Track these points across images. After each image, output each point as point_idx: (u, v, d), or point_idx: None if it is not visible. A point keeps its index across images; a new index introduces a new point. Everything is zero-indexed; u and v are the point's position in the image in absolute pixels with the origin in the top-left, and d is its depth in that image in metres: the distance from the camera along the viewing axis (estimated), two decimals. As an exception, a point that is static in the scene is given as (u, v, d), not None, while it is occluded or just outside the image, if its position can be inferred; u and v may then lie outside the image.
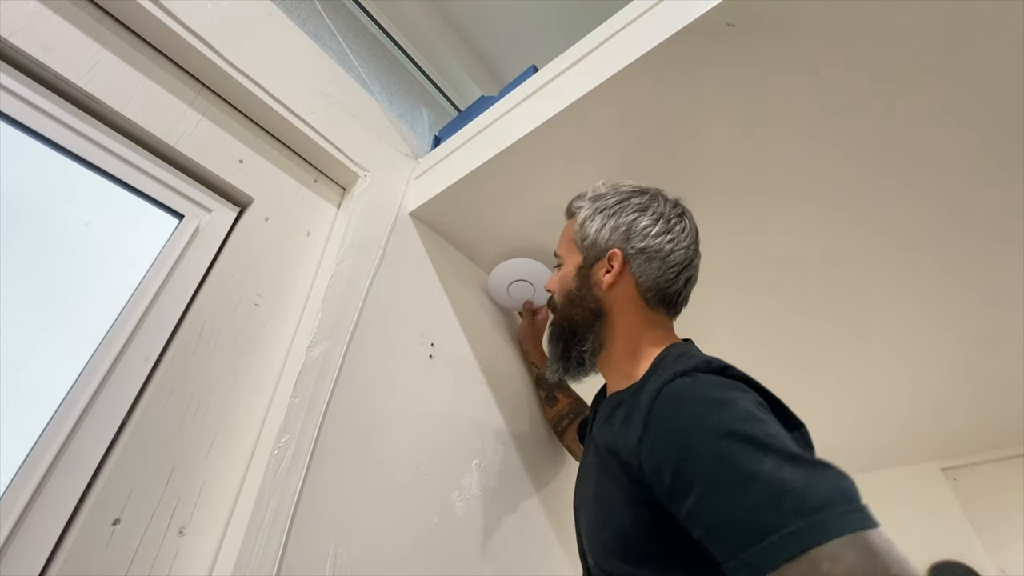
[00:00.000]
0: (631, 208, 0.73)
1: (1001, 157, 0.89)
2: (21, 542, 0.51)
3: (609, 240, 0.72)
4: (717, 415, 0.49)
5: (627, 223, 0.72)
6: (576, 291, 0.74)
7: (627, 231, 0.72)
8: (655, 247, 0.71)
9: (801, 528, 0.39)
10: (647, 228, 0.71)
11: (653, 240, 0.71)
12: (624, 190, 0.76)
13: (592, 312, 0.73)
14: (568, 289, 0.75)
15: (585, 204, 0.77)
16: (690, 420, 0.51)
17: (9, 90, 0.66)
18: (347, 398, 0.80)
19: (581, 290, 0.73)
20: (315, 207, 0.99)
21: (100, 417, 0.60)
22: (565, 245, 0.79)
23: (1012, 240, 1.03)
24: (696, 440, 0.49)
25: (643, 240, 0.71)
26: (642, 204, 0.74)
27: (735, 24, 0.75)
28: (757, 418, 0.48)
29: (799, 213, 1.04)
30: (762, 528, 0.40)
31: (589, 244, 0.74)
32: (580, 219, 0.76)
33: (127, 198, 0.74)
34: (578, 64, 0.90)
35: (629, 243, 0.71)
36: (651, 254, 0.71)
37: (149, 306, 0.69)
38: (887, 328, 1.29)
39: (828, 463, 0.44)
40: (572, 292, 0.75)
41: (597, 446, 0.67)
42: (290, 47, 1.04)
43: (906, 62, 0.77)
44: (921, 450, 1.82)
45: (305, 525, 0.67)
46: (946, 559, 1.67)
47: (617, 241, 0.72)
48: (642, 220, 0.72)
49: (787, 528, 0.39)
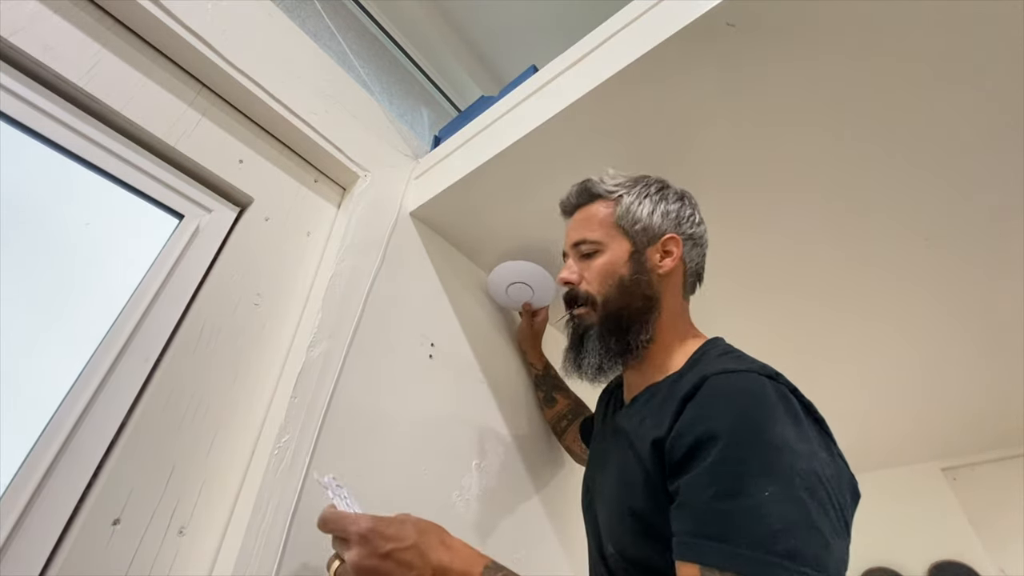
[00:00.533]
0: (672, 195, 0.73)
1: (1001, 156, 0.89)
2: (21, 542, 0.51)
3: (663, 225, 0.70)
4: (765, 422, 0.47)
5: (675, 210, 0.72)
6: (630, 277, 0.69)
7: (677, 217, 0.72)
8: (699, 234, 0.73)
9: (765, 565, 0.39)
10: (691, 215, 0.73)
11: (697, 227, 0.73)
12: (650, 177, 0.76)
13: (648, 299, 0.69)
14: (620, 276, 0.69)
15: (622, 188, 0.73)
16: (729, 409, 0.50)
17: (9, 90, 0.66)
18: (347, 398, 0.80)
19: (639, 276, 0.69)
20: (315, 207, 0.99)
21: (100, 417, 0.60)
22: (602, 230, 0.72)
23: (1013, 240, 1.03)
24: (725, 428, 0.47)
25: (691, 227, 0.72)
26: (678, 192, 0.75)
27: (735, 24, 0.75)
28: (796, 451, 0.46)
29: (799, 213, 1.03)
30: (736, 535, 0.41)
31: (641, 228, 0.70)
32: (626, 203, 0.71)
33: (127, 198, 0.74)
34: (578, 64, 0.90)
35: (680, 228, 0.71)
36: (697, 240, 0.73)
37: (149, 306, 0.69)
38: (887, 328, 1.29)
39: (843, 533, 0.44)
40: (626, 279, 0.69)
41: (622, 432, 0.66)
42: (290, 47, 1.04)
43: (906, 60, 0.77)
44: (921, 450, 1.82)
45: (305, 525, 0.67)
46: (946, 559, 1.67)
47: (670, 226, 0.71)
48: (686, 208, 0.73)
49: (755, 555, 0.39)
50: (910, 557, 1.72)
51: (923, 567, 1.69)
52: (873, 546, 1.79)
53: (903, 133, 0.87)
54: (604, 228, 0.72)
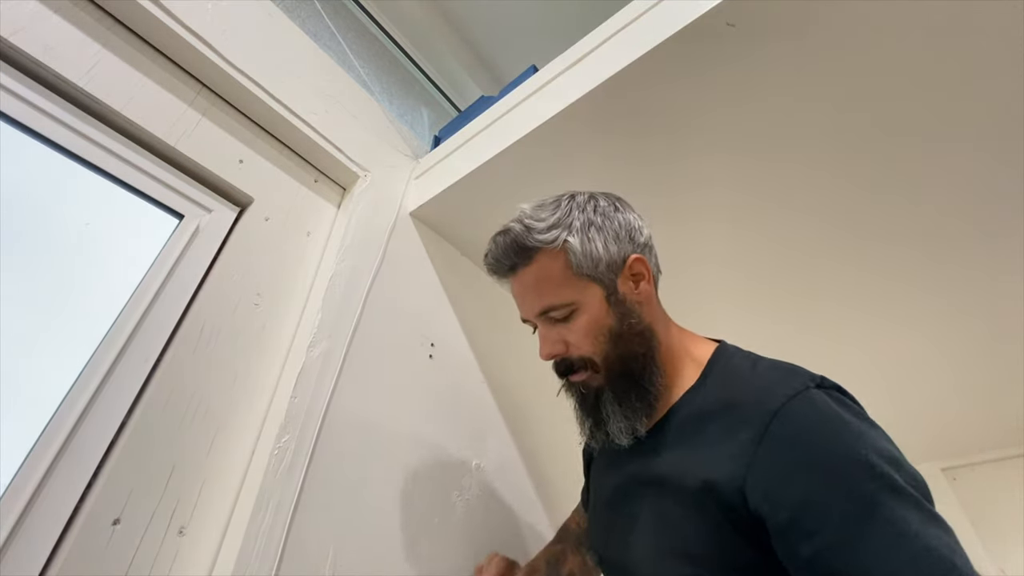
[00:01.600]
0: (608, 209, 0.65)
1: (1001, 156, 0.89)
2: (21, 542, 0.51)
3: (621, 250, 0.63)
4: (855, 448, 0.45)
5: (623, 225, 0.64)
6: (619, 324, 0.61)
7: (628, 232, 0.64)
8: (648, 236, 0.66)
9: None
10: (634, 219, 0.66)
11: (646, 231, 0.66)
12: (576, 199, 0.66)
13: (643, 335, 0.62)
14: (609, 328, 0.61)
15: (559, 229, 0.62)
16: (823, 450, 0.46)
17: (9, 90, 0.66)
18: (347, 398, 0.80)
19: (626, 318, 0.62)
20: (315, 207, 0.99)
21: (100, 417, 0.60)
22: (567, 289, 0.62)
23: (1014, 240, 1.03)
24: (831, 475, 0.45)
25: (641, 233, 0.65)
26: (608, 203, 0.66)
27: (735, 24, 0.75)
28: (894, 457, 0.45)
29: (800, 212, 1.03)
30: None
31: (605, 266, 0.61)
32: (576, 248, 0.61)
33: (127, 198, 0.74)
34: (578, 64, 0.90)
35: (636, 243, 0.64)
36: (650, 243, 0.66)
37: (149, 306, 0.69)
38: (887, 329, 1.29)
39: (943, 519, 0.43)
40: (615, 328, 0.61)
41: (648, 469, 0.60)
42: (290, 47, 1.04)
43: (906, 59, 0.77)
44: (921, 450, 1.82)
45: (305, 525, 0.67)
46: (946, 559, 1.67)
47: (628, 246, 0.63)
48: (625, 214, 0.65)
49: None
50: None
51: (923, 567, 1.69)
52: (873, 546, 1.79)
53: (904, 133, 0.87)
54: (567, 286, 0.61)
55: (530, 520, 1.04)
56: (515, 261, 0.64)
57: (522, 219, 0.64)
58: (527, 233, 0.62)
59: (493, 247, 0.66)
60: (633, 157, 0.96)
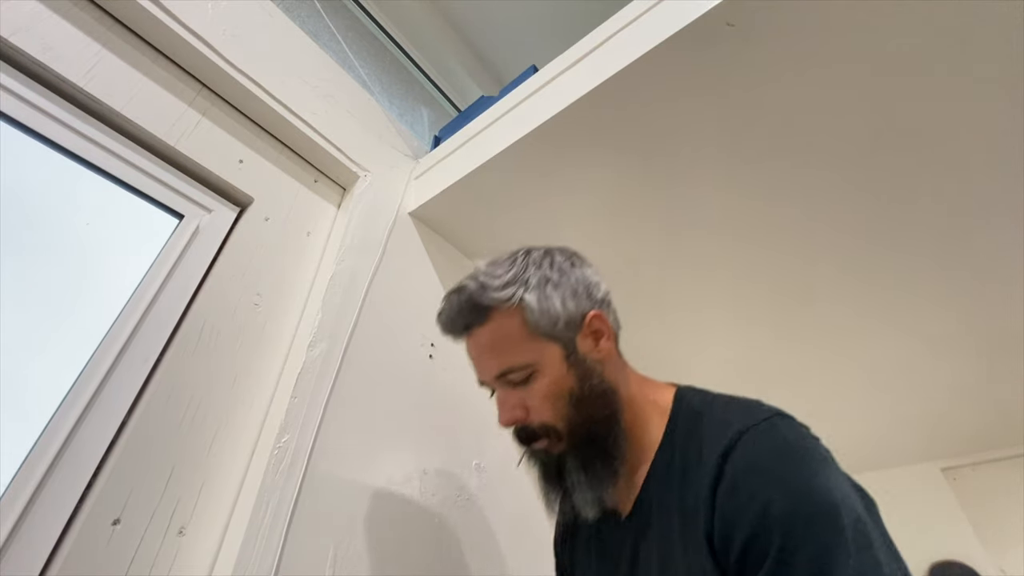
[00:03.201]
0: (562, 266, 0.62)
1: (1001, 157, 0.89)
2: (21, 542, 0.51)
3: (580, 307, 0.59)
4: (801, 485, 0.46)
5: (580, 280, 0.61)
6: (580, 386, 0.58)
7: (586, 288, 0.61)
8: (606, 292, 0.64)
9: None
10: (591, 274, 0.63)
11: (603, 287, 0.63)
12: (532, 253, 0.63)
13: (606, 396, 0.59)
14: (570, 390, 0.58)
15: (515, 286, 0.59)
16: (770, 488, 0.46)
17: (9, 90, 0.66)
18: (347, 398, 0.80)
19: (587, 379, 0.58)
20: (315, 207, 0.99)
21: (100, 417, 0.60)
22: (524, 349, 0.58)
23: (1012, 240, 1.03)
24: (778, 514, 0.44)
25: (599, 289, 0.62)
26: (564, 258, 0.63)
27: (735, 24, 0.75)
28: (842, 496, 0.46)
29: (800, 212, 1.03)
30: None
31: (563, 324, 0.58)
32: (533, 305, 0.58)
33: (127, 198, 0.74)
34: (578, 64, 0.90)
35: (593, 299, 0.61)
36: (608, 299, 0.64)
37: (149, 306, 0.69)
38: (887, 328, 1.29)
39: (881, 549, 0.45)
40: (576, 391, 0.58)
41: (644, 553, 0.57)
42: (290, 47, 1.04)
43: (907, 59, 0.77)
44: (921, 450, 1.82)
45: (305, 525, 0.67)
46: (946, 559, 1.67)
47: (587, 303, 0.60)
48: (582, 269, 0.63)
49: None
50: (910, 557, 1.69)
51: (923, 567, 1.69)
52: (873, 546, 1.79)
53: (904, 132, 0.87)
54: (524, 347, 0.58)
55: (530, 520, 1.04)
56: (470, 320, 0.60)
57: (477, 276, 0.61)
58: (482, 291, 0.59)
59: (447, 306, 0.62)
60: (632, 156, 0.96)
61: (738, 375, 1.50)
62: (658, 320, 1.34)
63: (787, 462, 0.48)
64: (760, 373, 1.48)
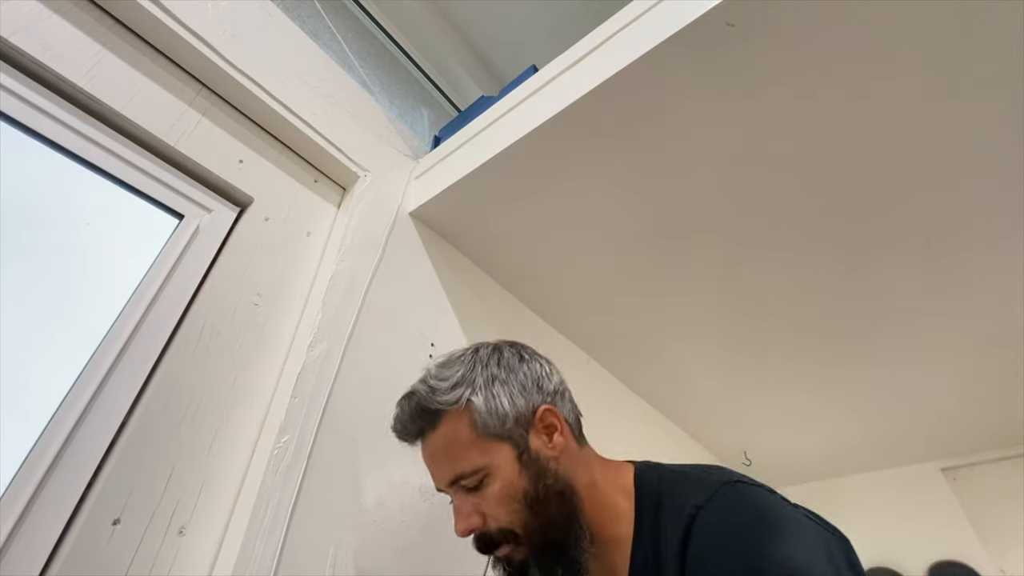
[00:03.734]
0: (509, 361, 0.62)
1: (1000, 157, 0.89)
2: (21, 542, 0.51)
3: (529, 402, 0.59)
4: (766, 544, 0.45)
5: (527, 376, 0.61)
6: (534, 487, 0.56)
7: (536, 382, 0.61)
8: (558, 382, 0.63)
9: None
10: (541, 367, 0.63)
11: (553, 375, 0.64)
12: (479, 352, 0.63)
13: (562, 495, 0.57)
14: (524, 492, 0.56)
15: (461, 388, 0.59)
16: (734, 552, 0.46)
17: (9, 90, 0.66)
18: (347, 398, 0.80)
19: (540, 478, 0.56)
20: (315, 207, 0.99)
21: (100, 417, 0.60)
22: (475, 453, 0.57)
23: (1012, 240, 1.03)
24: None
25: (549, 380, 0.62)
26: (513, 353, 0.63)
27: (735, 24, 0.75)
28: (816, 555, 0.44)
29: (801, 211, 1.03)
30: None
31: (513, 422, 0.57)
32: (480, 407, 0.57)
33: (127, 198, 0.74)
34: (578, 64, 0.90)
35: (544, 392, 0.61)
36: (561, 390, 0.63)
37: (149, 306, 0.69)
38: (887, 328, 1.29)
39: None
40: (531, 492, 0.56)
41: None
42: (290, 47, 1.04)
43: (907, 59, 0.77)
44: (921, 450, 1.82)
45: (305, 525, 0.67)
46: (946, 559, 1.67)
47: (536, 397, 0.60)
48: (531, 363, 0.63)
49: None
50: (910, 557, 1.72)
51: (923, 567, 1.69)
52: (873, 546, 1.79)
53: (904, 133, 0.87)
54: (475, 449, 0.57)
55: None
56: (421, 426, 0.60)
57: (427, 379, 0.61)
58: (431, 395, 0.59)
59: (399, 412, 0.62)
60: (632, 156, 0.96)
61: (738, 372, 1.50)
62: (659, 321, 1.34)
63: (741, 536, 0.46)
64: (760, 372, 1.48)
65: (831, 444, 1.82)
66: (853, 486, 1.96)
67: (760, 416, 1.68)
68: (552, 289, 1.26)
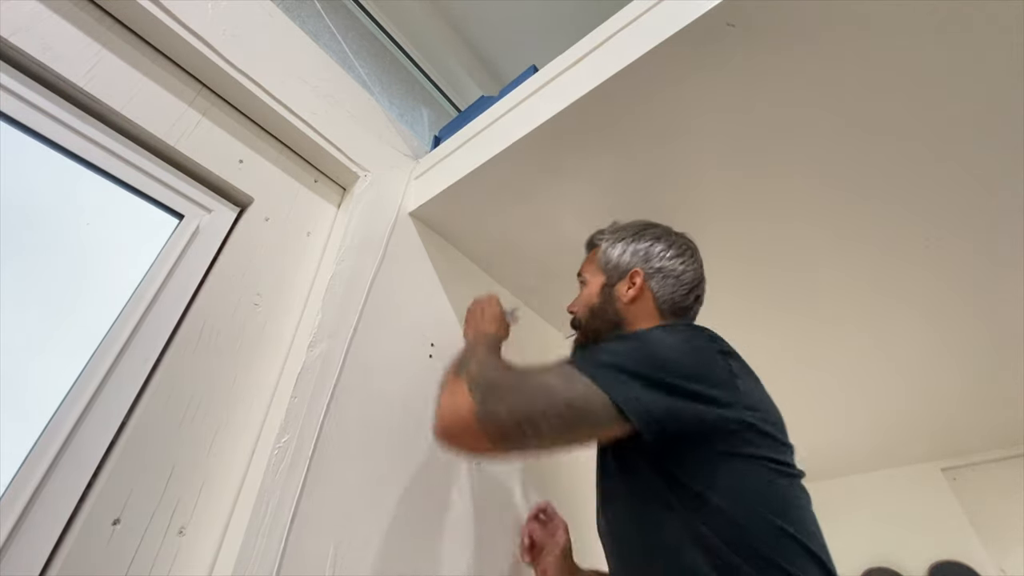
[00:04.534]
0: (648, 236, 0.84)
1: (1003, 159, 0.89)
2: (21, 542, 0.51)
3: (630, 262, 0.82)
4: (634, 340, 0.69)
5: (645, 248, 0.82)
6: (599, 306, 0.82)
7: (646, 254, 0.82)
8: (670, 268, 0.81)
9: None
10: (663, 252, 0.82)
11: (668, 262, 0.81)
12: (640, 222, 0.88)
13: (613, 323, 0.80)
14: (592, 304, 0.83)
15: (606, 235, 0.88)
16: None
17: (9, 90, 0.66)
18: (347, 398, 0.80)
19: (604, 304, 0.82)
20: (315, 207, 0.99)
21: (100, 417, 0.60)
22: (590, 268, 0.88)
23: (1013, 241, 1.03)
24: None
25: (660, 261, 0.81)
26: (657, 233, 0.84)
27: (735, 24, 0.75)
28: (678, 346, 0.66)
29: (800, 210, 1.03)
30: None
31: (612, 266, 0.83)
32: (603, 247, 0.86)
33: (127, 198, 0.74)
34: (578, 64, 0.90)
35: (648, 263, 0.81)
36: (667, 273, 0.81)
37: (149, 306, 0.69)
38: (888, 328, 1.29)
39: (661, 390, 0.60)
40: (595, 307, 0.83)
41: None
42: (290, 47, 1.04)
43: (910, 60, 0.77)
44: (921, 450, 1.82)
45: (305, 525, 0.67)
46: (946, 559, 1.67)
47: (638, 262, 0.81)
48: (657, 246, 0.83)
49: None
50: (910, 557, 1.72)
51: (923, 567, 1.69)
52: (873, 546, 1.79)
53: (904, 133, 0.87)
54: (591, 267, 0.88)
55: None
56: (587, 248, 0.94)
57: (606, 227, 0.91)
58: (597, 234, 0.91)
59: None
60: (632, 156, 0.96)
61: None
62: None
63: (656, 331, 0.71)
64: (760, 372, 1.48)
65: (831, 444, 1.82)
66: (853, 486, 1.96)
67: (760, 416, 1.68)
68: (552, 289, 1.26)
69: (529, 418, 0.56)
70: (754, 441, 0.60)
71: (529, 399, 0.58)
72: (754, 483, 0.58)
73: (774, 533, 0.54)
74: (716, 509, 0.55)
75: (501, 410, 0.56)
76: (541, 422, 0.56)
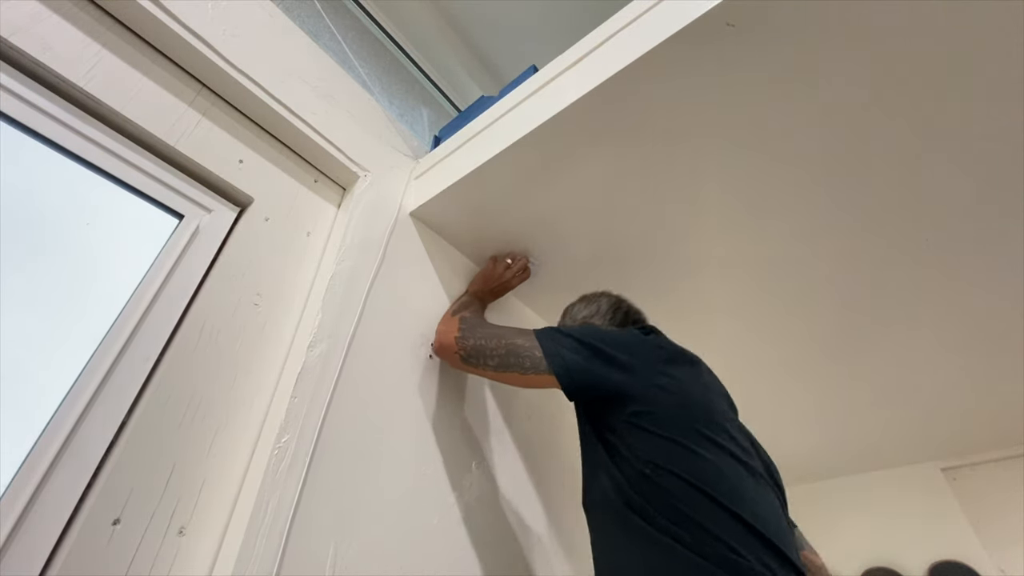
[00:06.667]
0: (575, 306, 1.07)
1: (1002, 160, 0.89)
2: (21, 542, 0.51)
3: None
4: None
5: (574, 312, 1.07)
6: None
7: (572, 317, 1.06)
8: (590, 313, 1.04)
9: None
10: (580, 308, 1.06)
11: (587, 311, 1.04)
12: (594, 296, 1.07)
13: None
14: None
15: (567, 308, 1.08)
16: None
17: (9, 90, 0.66)
18: (347, 398, 0.80)
19: None
20: (315, 207, 0.99)
21: (100, 417, 0.60)
22: None
23: (1012, 241, 1.03)
24: None
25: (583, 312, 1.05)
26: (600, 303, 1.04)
27: (735, 24, 0.75)
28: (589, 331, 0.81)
29: (802, 212, 1.03)
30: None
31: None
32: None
33: (127, 198, 0.74)
34: (578, 64, 0.90)
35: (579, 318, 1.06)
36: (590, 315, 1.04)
37: (149, 306, 0.69)
38: (888, 329, 1.29)
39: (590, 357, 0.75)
40: None
41: None
42: (290, 47, 1.04)
43: (908, 59, 0.77)
44: (921, 450, 1.82)
45: (305, 525, 0.67)
46: (946, 559, 1.67)
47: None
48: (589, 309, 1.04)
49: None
50: (910, 557, 1.72)
51: (923, 567, 1.69)
52: (873, 546, 1.79)
53: (903, 133, 0.87)
54: None
55: (529, 520, 1.04)
56: None
57: None
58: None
59: None
60: (632, 156, 0.96)
61: (736, 372, 1.50)
62: (656, 321, 1.33)
63: None
64: (758, 371, 1.48)
65: (831, 444, 1.82)
66: (853, 486, 1.96)
67: (759, 416, 1.68)
68: (552, 289, 1.26)
69: (482, 350, 0.84)
70: (670, 411, 0.69)
71: (487, 338, 0.85)
72: (665, 445, 0.66)
73: (682, 487, 0.62)
74: (625, 459, 0.67)
75: (470, 342, 0.87)
76: (489, 356, 0.83)
